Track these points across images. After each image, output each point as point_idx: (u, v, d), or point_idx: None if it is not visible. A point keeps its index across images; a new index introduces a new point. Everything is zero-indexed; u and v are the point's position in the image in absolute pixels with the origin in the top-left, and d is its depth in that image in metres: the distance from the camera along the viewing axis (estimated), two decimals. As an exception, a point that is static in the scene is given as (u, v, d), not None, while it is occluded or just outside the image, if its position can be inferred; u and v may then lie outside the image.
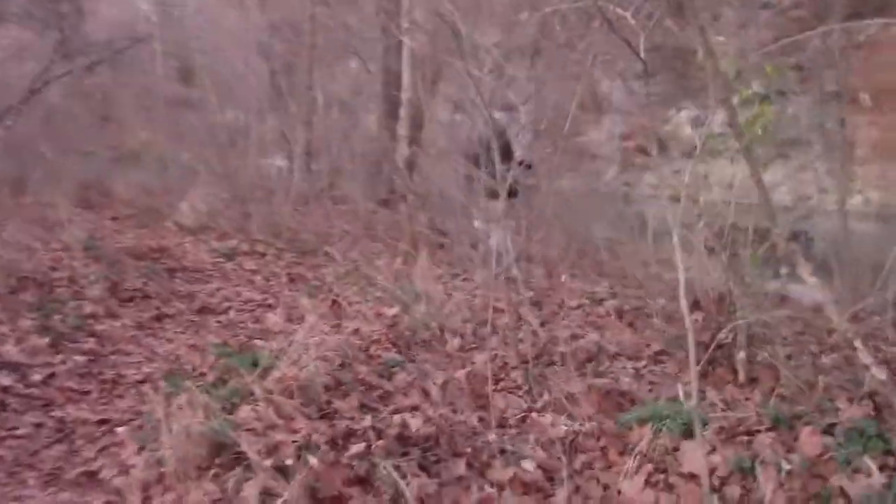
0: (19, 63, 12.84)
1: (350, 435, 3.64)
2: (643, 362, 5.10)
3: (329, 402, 4.11)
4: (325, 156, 13.80)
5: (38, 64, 12.26)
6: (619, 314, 6.22)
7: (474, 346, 5.35)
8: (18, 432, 3.99)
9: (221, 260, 8.43)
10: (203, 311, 6.36)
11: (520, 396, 4.38)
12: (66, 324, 5.43)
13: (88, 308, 5.86)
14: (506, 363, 4.94)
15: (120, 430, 3.97)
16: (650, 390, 4.34)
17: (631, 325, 6.04)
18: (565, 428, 3.90)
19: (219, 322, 6.03)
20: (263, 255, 8.71)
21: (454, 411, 4.08)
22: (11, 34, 13.91)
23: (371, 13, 14.92)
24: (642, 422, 3.69)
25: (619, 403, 4.14)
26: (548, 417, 4.07)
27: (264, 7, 18.02)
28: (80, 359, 4.95)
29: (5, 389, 4.35)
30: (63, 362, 4.86)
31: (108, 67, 13.73)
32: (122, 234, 9.12)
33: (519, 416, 4.11)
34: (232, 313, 6.31)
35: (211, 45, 16.44)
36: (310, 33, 14.98)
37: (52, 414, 4.21)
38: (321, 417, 3.91)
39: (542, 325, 5.69)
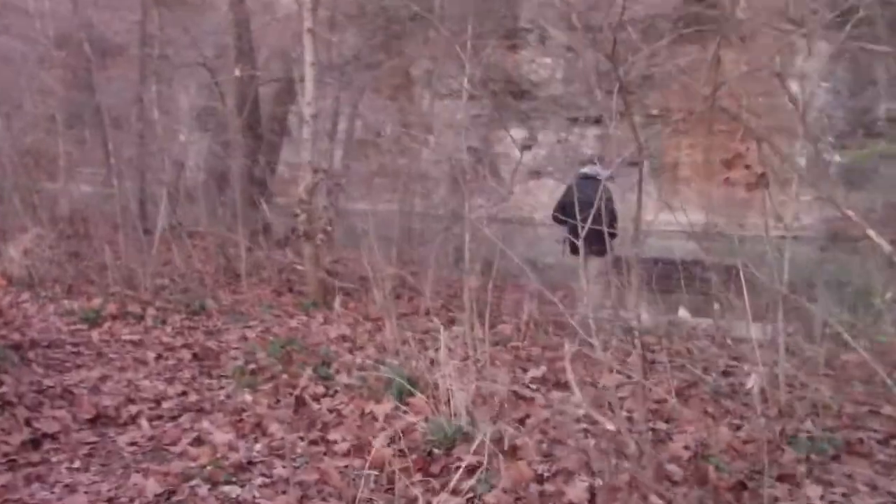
0: None
1: None
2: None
3: None
4: (175, 183, 11.38)
5: None
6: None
7: (539, 461, 3.66)
8: None
9: (83, 327, 6.17)
10: (99, 421, 4.22)
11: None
12: None
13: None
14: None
15: None
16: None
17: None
18: None
19: (134, 445, 3.93)
20: (140, 317, 6.49)
21: None
22: None
23: (221, 18, 12.73)
24: None
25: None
26: None
27: (76, 10, 15.11)
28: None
29: None
30: None
31: None
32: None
33: None
34: (144, 424, 4.20)
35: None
36: (141, 42, 12.66)
37: None
38: None
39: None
